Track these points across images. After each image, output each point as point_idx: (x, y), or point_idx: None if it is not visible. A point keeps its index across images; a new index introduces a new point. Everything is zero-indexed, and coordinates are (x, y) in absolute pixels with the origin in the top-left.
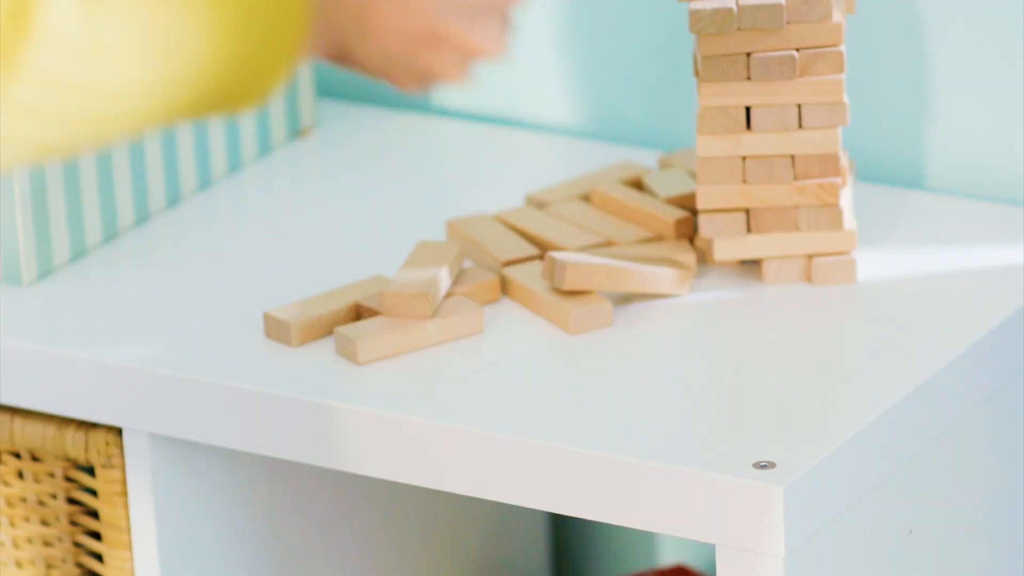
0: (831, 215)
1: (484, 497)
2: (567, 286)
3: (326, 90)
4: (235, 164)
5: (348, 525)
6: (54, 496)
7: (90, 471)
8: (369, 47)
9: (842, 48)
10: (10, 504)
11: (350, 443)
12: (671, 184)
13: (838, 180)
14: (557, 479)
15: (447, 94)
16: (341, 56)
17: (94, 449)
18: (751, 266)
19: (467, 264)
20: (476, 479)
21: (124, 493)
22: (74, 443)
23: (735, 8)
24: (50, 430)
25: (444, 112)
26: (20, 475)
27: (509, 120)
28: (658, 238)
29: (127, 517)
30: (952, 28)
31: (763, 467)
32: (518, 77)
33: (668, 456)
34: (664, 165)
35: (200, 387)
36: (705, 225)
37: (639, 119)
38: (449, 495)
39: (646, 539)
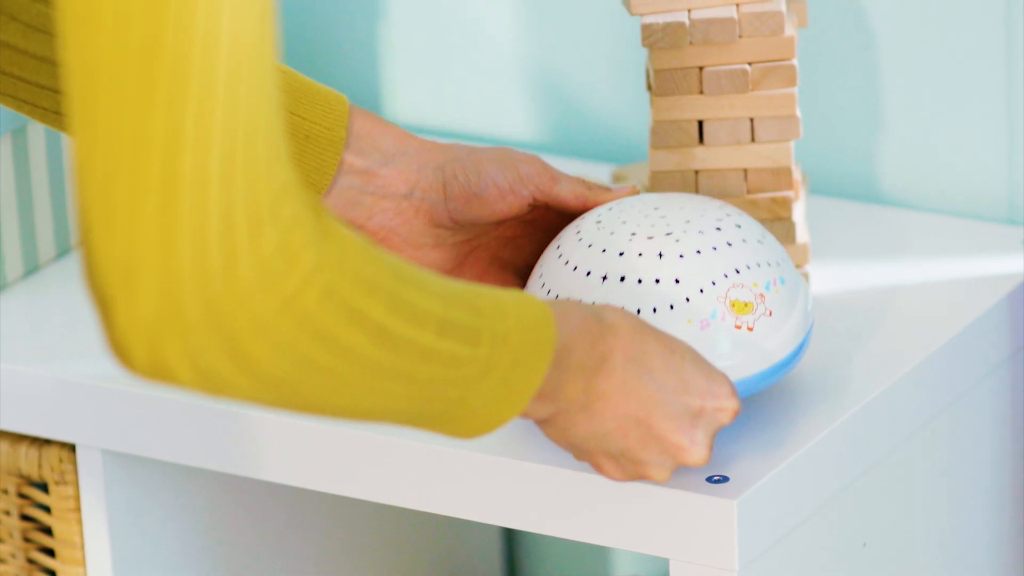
0: (784, 229)
1: (438, 512)
2: None
3: None
4: None
5: (303, 540)
6: (7, 513)
7: (43, 488)
8: (586, 424)
9: (794, 62)
10: None
11: (305, 459)
12: None
13: (791, 194)
14: (511, 493)
15: (401, 107)
16: (551, 422)
17: (47, 466)
18: None
19: None
20: (430, 494)
21: (78, 509)
22: (27, 460)
23: (687, 22)
24: (3, 447)
25: (402, 127)
26: None
27: (465, 134)
28: None
29: (81, 533)
30: (904, 42)
31: (717, 481)
32: (474, 91)
33: None
34: (617, 179)
35: (153, 403)
36: None
37: (593, 133)
38: (403, 509)
39: (600, 553)
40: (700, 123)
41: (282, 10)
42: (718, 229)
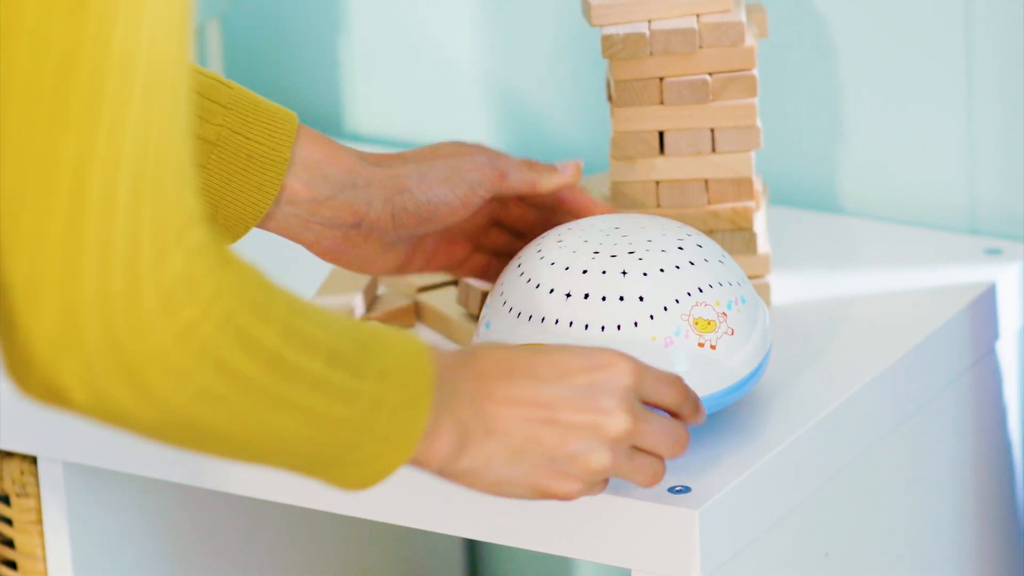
0: (745, 239)
1: (400, 524)
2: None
3: None
4: None
5: (264, 552)
6: None
7: (5, 500)
8: (498, 446)
9: (755, 72)
10: None
11: (259, 469)
12: None
13: (752, 204)
14: (472, 505)
15: (359, 118)
16: (469, 464)
17: (9, 478)
18: None
19: (381, 290)
20: (392, 506)
21: (39, 522)
22: None
23: (647, 33)
24: None
25: (357, 138)
26: None
27: (421, 145)
28: None
29: (42, 546)
30: (865, 52)
31: (678, 492)
32: (434, 103)
33: None
34: None
35: None
36: None
37: (553, 144)
38: (364, 521)
39: (562, 564)
40: (661, 134)
41: (243, 22)
42: (680, 248)
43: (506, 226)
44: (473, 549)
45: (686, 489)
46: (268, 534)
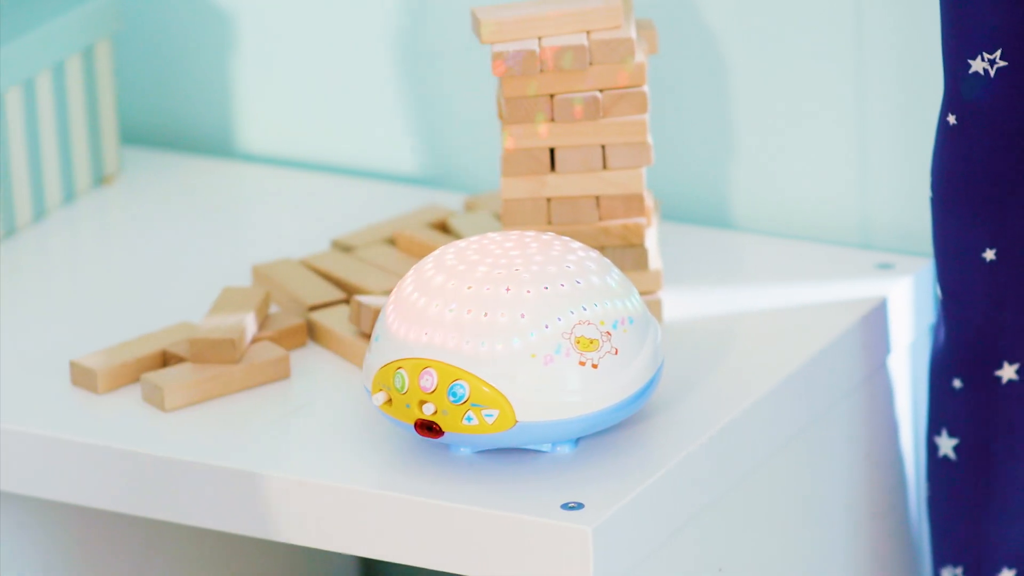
0: (636, 255)
1: (294, 543)
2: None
3: (130, 137)
4: (39, 212)
5: (163, 571)
6: None
7: None
8: None
9: (645, 88)
10: None
11: (159, 490)
12: (476, 226)
13: (643, 220)
14: (367, 523)
15: (250, 137)
16: None
17: None
18: None
19: (273, 309)
20: (286, 525)
21: None
22: None
23: (538, 50)
24: None
25: (249, 157)
26: None
27: (313, 164)
28: None
29: None
30: (754, 68)
31: (571, 508)
32: (320, 121)
33: (476, 498)
34: (469, 207)
35: (6, 436)
36: None
37: (444, 162)
38: (262, 540)
39: None
40: (551, 151)
41: (134, 43)
42: (568, 267)
43: None
44: (367, 566)
45: (579, 506)
46: (168, 553)
